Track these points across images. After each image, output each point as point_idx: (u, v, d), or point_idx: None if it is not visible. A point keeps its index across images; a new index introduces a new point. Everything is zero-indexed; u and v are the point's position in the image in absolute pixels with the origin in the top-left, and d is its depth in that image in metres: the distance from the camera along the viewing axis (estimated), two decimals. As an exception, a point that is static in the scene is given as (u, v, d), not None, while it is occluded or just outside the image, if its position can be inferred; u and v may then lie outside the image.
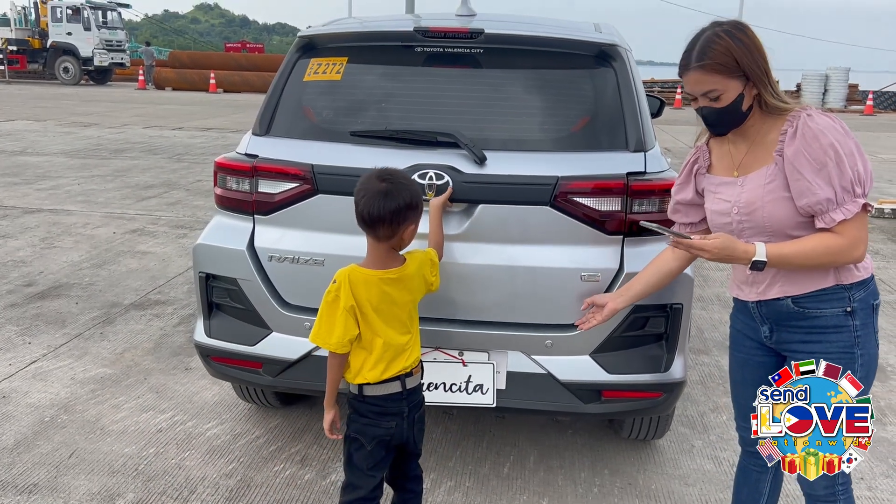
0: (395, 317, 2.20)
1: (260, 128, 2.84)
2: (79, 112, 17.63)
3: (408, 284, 2.23)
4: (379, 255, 2.19)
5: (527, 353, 2.64)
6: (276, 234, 2.72)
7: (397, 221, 2.12)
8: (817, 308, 1.97)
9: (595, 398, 2.65)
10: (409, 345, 2.25)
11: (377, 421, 2.22)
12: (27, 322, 4.47)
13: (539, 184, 2.54)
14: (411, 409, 2.27)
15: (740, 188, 2.03)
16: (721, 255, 1.95)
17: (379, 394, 2.22)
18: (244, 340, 2.78)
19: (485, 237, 2.59)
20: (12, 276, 5.31)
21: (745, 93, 1.93)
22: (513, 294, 2.60)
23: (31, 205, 7.59)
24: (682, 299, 2.60)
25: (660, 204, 2.62)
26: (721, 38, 1.90)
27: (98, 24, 29.07)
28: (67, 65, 28.88)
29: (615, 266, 2.59)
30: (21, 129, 14.02)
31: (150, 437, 3.21)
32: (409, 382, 2.25)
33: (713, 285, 5.60)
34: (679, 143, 14.56)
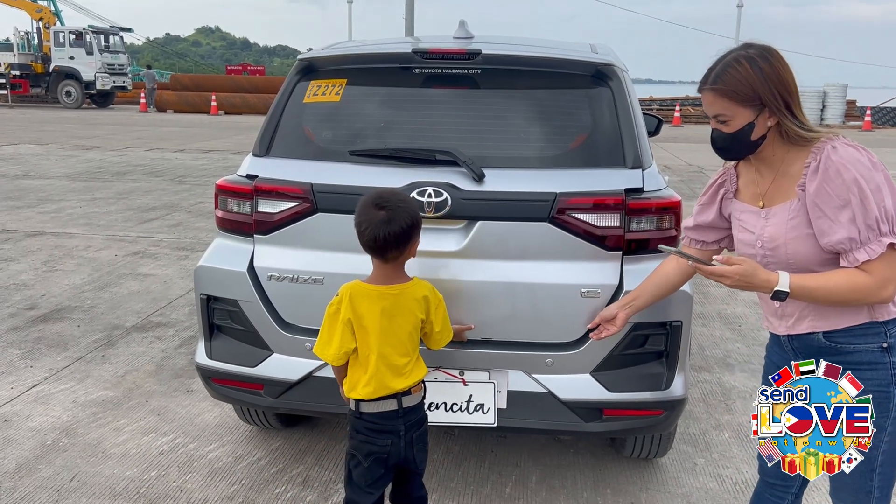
0: (394, 335, 2.22)
1: (260, 149, 2.86)
2: (81, 135, 17.73)
3: (409, 303, 2.24)
4: (384, 272, 2.25)
5: (527, 372, 2.64)
6: (275, 253, 2.74)
7: (404, 243, 2.20)
8: (850, 343, 1.89)
9: (596, 416, 2.65)
10: (409, 367, 2.26)
11: (372, 438, 2.24)
12: (29, 345, 4.47)
13: (538, 200, 2.56)
14: (409, 428, 2.27)
15: (764, 221, 1.96)
16: (741, 283, 1.86)
17: (374, 411, 2.23)
18: (245, 362, 2.79)
19: (484, 254, 2.60)
20: (15, 300, 5.32)
21: (756, 122, 1.87)
22: (513, 311, 2.61)
23: (33, 228, 7.62)
24: (681, 317, 2.61)
25: (657, 222, 2.64)
26: (740, 65, 1.84)
27: (100, 48, 29.32)
28: (70, 88, 29.09)
29: (615, 282, 2.60)
30: (24, 152, 14.09)
31: (152, 460, 3.20)
32: (406, 401, 2.25)
33: (714, 302, 5.60)
34: (678, 160, 14.62)
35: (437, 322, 2.33)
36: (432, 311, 2.31)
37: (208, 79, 31.95)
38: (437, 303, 2.33)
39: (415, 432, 2.29)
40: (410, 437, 2.27)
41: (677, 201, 2.69)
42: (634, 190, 2.61)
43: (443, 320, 2.36)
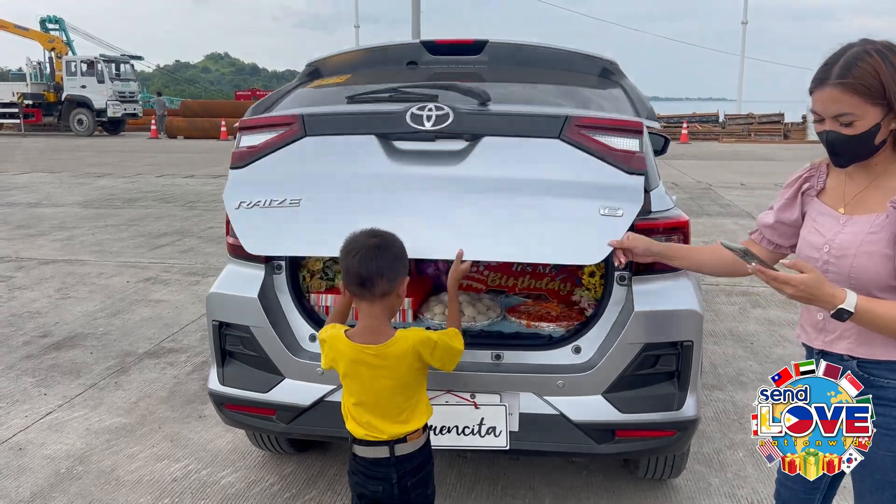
0: (377, 390, 2.11)
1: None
2: (93, 163, 17.92)
3: (390, 363, 2.09)
4: (370, 323, 2.12)
5: (539, 394, 2.64)
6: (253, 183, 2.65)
7: (394, 274, 2.07)
8: (885, 378, 1.79)
9: (608, 438, 2.64)
10: (405, 414, 2.14)
11: (363, 482, 2.16)
12: (43, 373, 4.50)
13: (548, 116, 2.51)
14: (403, 476, 2.13)
15: (840, 227, 1.82)
16: (804, 294, 1.70)
17: (364, 455, 2.14)
18: (257, 388, 2.80)
19: (489, 172, 2.47)
20: (28, 328, 5.37)
21: (882, 124, 1.70)
22: (522, 234, 2.42)
23: (46, 256, 7.69)
24: (692, 336, 2.60)
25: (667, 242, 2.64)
26: (871, 57, 1.67)
27: (111, 76, 29.68)
28: (81, 117, 29.43)
29: (638, 204, 2.43)
30: (37, 181, 14.25)
31: (165, 487, 3.21)
32: (399, 449, 2.12)
33: (725, 320, 5.58)
34: (687, 177, 14.61)
35: (435, 361, 2.18)
36: (426, 357, 2.14)
37: (218, 104, 32.26)
38: (430, 349, 2.14)
39: (410, 480, 2.15)
40: (405, 485, 2.14)
41: (685, 221, 2.70)
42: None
43: (441, 357, 2.19)
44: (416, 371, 2.15)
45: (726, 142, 26.13)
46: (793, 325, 5.41)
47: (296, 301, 2.83)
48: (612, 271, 2.67)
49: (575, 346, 2.67)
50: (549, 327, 2.77)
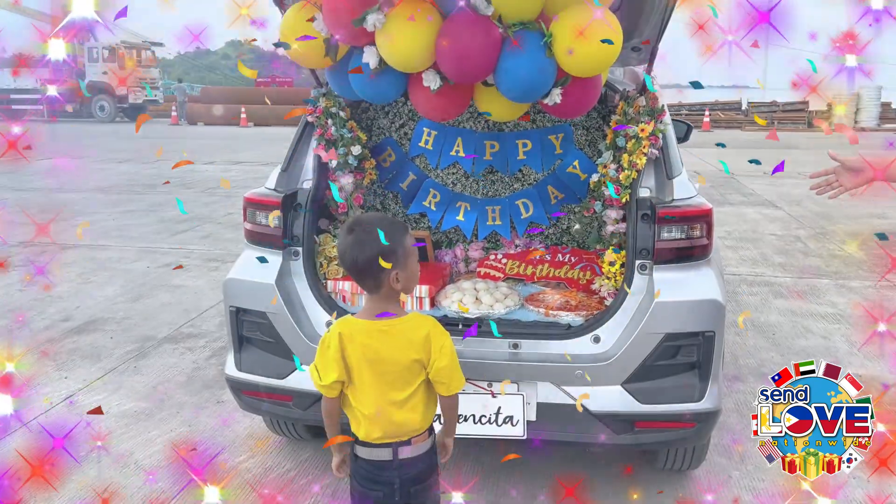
0: (383, 375, 2.03)
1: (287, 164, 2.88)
2: (114, 149, 18.04)
3: (398, 342, 2.02)
4: (372, 304, 2.08)
5: (557, 383, 2.61)
6: None
7: (375, 270, 1.99)
8: None
9: (628, 429, 2.61)
10: (405, 414, 2.05)
11: (366, 486, 2.10)
12: (64, 356, 4.54)
13: None
14: (406, 482, 2.05)
15: None
16: None
17: (366, 457, 2.08)
18: (274, 374, 2.80)
19: None
20: (50, 312, 5.41)
21: None
22: None
23: (68, 241, 7.75)
24: (713, 327, 2.56)
25: (688, 231, 2.60)
26: None
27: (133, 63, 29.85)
28: (103, 103, 29.65)
29: None
30: (58, 166, 14.37)
31: (182, 471, 3.22)
32: (403, 451, 2.05)
33: (747, 310, 5.50)
34: (709, 166, 14.44)
35: (440, 365, 2.04)
36: (434, 353, 2.03)
37: (238, 91, 32.33)
38: (440, 344, 2.04)
39: (412, 486, 2.06)
40: (407, 491, 2.05)
41: (708, 209, 2.65)
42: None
43: (449, 364, 2.05)
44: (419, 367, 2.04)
45: (749, 130, 25.78)
46: (815, 316, 5.33)
47: (313, 287, 2.82)
48: (633, 260, 2.63)
49: (594, 336, 2.64)
50: (568, 316, 2.74)
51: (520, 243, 3.31)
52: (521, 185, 3.34)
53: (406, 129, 3.37)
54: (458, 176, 3.37)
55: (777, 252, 7.37)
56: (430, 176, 3.39)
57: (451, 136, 3.28)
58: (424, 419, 2.10)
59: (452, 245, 3.40)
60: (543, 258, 3.18)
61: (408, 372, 2.04)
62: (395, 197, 3.44)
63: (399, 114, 3.34)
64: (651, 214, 2.61)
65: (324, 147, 2.98)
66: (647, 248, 2.61)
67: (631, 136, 2.75)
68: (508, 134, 3.28)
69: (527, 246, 3.31)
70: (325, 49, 2.38)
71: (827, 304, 5.61)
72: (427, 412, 2.11)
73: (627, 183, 2.74)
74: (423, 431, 2.10)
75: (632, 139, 2.75)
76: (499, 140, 3.27)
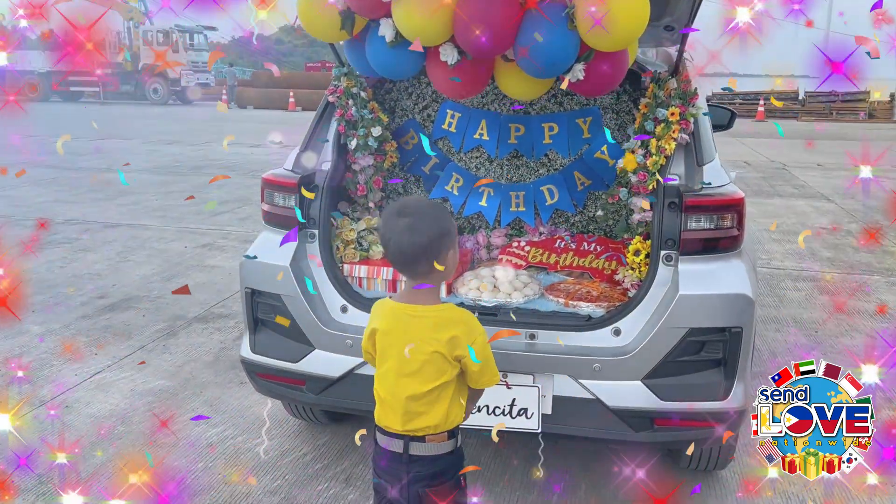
0: (406, 362, 1.91)
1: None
2: (164, 130, 18.39)
3: (425, 332, 1.90)
4: (412, 289, 1.96)
5: (574, 376, 2.52)
6: None
7: (432, 253, 1.88)
8: None
9: (647, 426, 2.51)
10: (422, 407, 1.92)
11: (377, 473, 2.03)
12: (96, 333, 4.61)
13: None
14: (413, 481, 1.93)
15: None
16: None
17: (380, 444, 2.00)
18: (288, 357, 2.76)
19: None
20: (87, 289, 5.51)
21: None
22: None
23: (111, 219, 7.90)
24: (741, 323, 2.43)
25: (718, 220, 2.47)
26: None
27: (186, 46, 30.36)
28: (157, 86, 30.26)
29: None
30: (110, 147, 14.69)
31: (200, 451, 3.23)
32: (414, 448, 1.93)
33: (790, 306, 5.29)
34: (759, 156, 14.02)
35: (471, 369, 1.93)
36: (464, 351, 1.90)
37: (288, 75, 32.60)
38: (470, 342, 1.90)
39: (421, 487, 1.94)
40: (415, 492, 1.94)
41: (740, 198, 2.51)
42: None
43: (480, 368, 1.93)
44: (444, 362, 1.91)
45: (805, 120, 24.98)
46: (863, 313, 5.10)
47: (328, 270, 2.77)
48: (658, 250, 2.51)
49: (615, 329, 2.53)
50: (589, 307, 2.63)
51: (544, 231, 3.21)
52: (546, 170, 3.23)
53: (429, 111, 3.28)
54: (482, 160, 3.28)
55: (826, 246, 7.09)
56: (453, 159, 3.31)
57: (476, 119, 3.18)
58: (446, 419, 1.94)
59: (475, 231, 3.31)
60: (568, 246, 3.08)
61: (430, 365, 1.89)
62: (417, 180, 3.37)
63: (423, 95, 3.25)
64: (678, 203, 2.49)
65: (344, 128, 2.92)
66: (673, 237, 2.49)
67: (660, 119, 2.62)
68: (534, 117, 3.17)
69: (551, 234, 3.20)
70: (340, 22, 2.31)
71: (876, 303, 5.36)
72: (451, 413, 1.94)
73: (655, 169, 2.61)
74: (443, 432, 1.95)
75: (661, 123, 2.62)
76: (524, 123, 3.16)
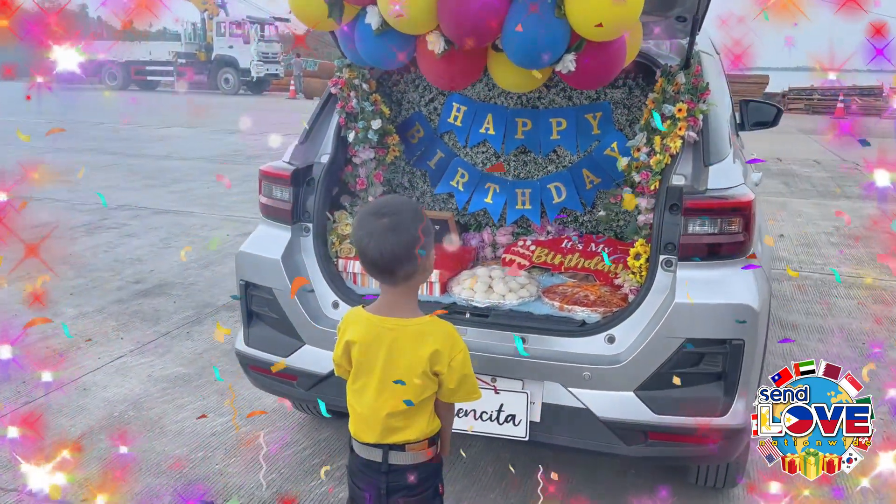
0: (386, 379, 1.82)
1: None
2: (229, 120, 18.76)
3: (407, 345, 1.81)
4: (390, 299, 1.85)
5: (564, 384, 2.40)
6: None
7: (415, 253, 1.77)
8: None
9: (639, 440, 2.37)
10: (403, 420, 1.84)
11: (354, 482, 1.95)
12: (126, 318, 4.70)
13: None
14: (392, 490, 1.86)
15: None
16: None
17: (359, 454, 1.91)
18: (279, 351, 2.73)
19: None
20: (126, 273, 5.64)
21: None
22: None
23: (160, 206, 8.09)
24: (743, 335, 2.26)
25: (720, 225, 2.31)
26: None
27: (257, 37, 30.96)
28: (228, 76, 30.97)
29: None
30: (173, 135, 15.12)
31: (203, 441, 3.24)
32: (394, 457, 1.85)
33: (838, 315, 4.99)
34: (830, 155, 13.38)
35: (448, 386, 1.84)
36: (444, 367, 1.81)
37: (354, 67, 32.86)
38: (449, 358, 1.81)
39: (401, 496, 1.87)
40: (394, 502, 1.87)
41: (746, 201, 2.34)
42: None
43: (459, 380, 1.84)
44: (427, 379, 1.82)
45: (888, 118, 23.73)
46: (917, 326, 4.77)
47: (322, 266, 2.73)
48: (657, 254, 2.37)
49: (609, 336, 2.41)
50: (584, 312, 2.51)
51: (551, 230, 3.09)
52: (554, 167, 3.10)
53: (436, 104, 3.20)
54: (488, 155, 3.17)
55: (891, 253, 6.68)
56: (459, 154, 3.21)
57: (482, 113, 3.08)
58: (427, 429, 1.88)
59: (480, 228, 3.21)
60: (575, 247, 2.95)
61: (412, 384, 1.81)
62: (423, 175, 3.29)
63: (429, 87, 3.16)
64: (679, 205, 2.34)
65: (344, 120, 2.87)
66: (672, 241, 2.35)
67: (667, 116, 2.47)
68: (542, 111, 3.04)
69: (559, 233, 3.08)
70: (328, 9, 2.24)
71: (935, 315, 5.01)
72: (431, 422, 1.89)
73: (658, 169, 2.46)
74: (423, 440, 1.88)
75: (668, 120, 2.47)
76: (532, 118, 3.04)
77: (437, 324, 1.86)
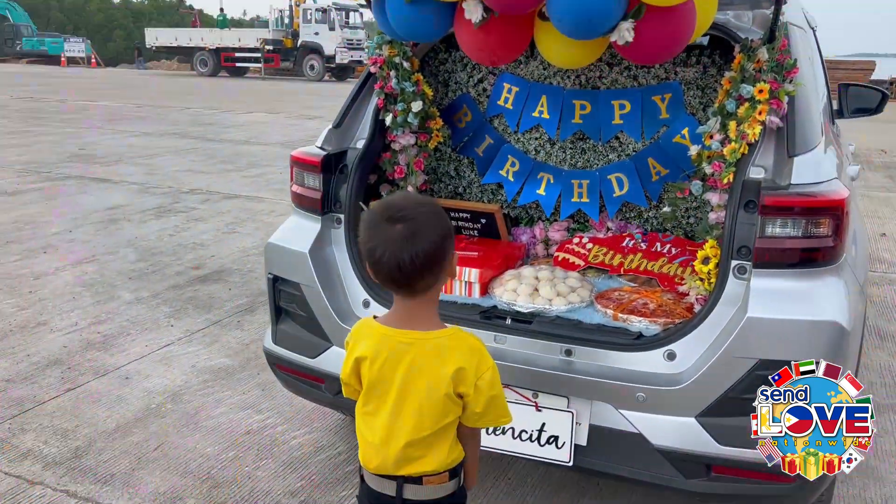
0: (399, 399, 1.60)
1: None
2: (310, 106, 18.94)
3: (428, 361, 1.58)
4: (406, 309, 1.62)
5: (615, 405, 2.10)
6: None
7: (438, 263, 1.54)
8: None
9: (700, 473, 2.05)
10: (421, 449, 1.62)
11: None
12: (180, 304, 4.64)
13: None
14: None
15: None
16: None
17: (370, 485, 1.70)
18: (306, 352, 2.54)
19: None
20: (187, 258, 5.61)
21: None
22: None
23: (232, 191, 8.11)
24: (828, 357, 1.89)
25: (805, 227, 1.95)
26: None
27: (342, 24, 31.20)
28: (313, 62, 31.35)
29: None
30: (254, 120, 15.31)
31: (236, 439, 3.09)
32: (409, 491, 1.64)
33: (948, 326, 4.44)
34: (944, 146, 12.28)
35: (476, 403, 1.60)
36: (469, 388, 1.58)
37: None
38: (475, 377, 1.58)
39: None
40: None
41: (838, 199, 1.97)
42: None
43: (487, 403, 1.61)
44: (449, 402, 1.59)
45: None
46: None
47: (353, 260, 2.51)
48: (728, 259, 2.03)
49: (669, 352, 2.09)
50: (641, 323, 2.19)
51: (612, 226, 2.76)
52: (616, 155, 2.76)
53: (485, 85, 2.90)
54: (542, 142, 2.85)
55: None
56: (509, 140, 2.91)
57: (535, 94, 2.77)
58: (448, 459, 1.65)
59: (532, 223, 2.91)
60: (637, 246, 2.62)
61: (432, 407, 1.59)
62: (469, 163, 3.01)
63: (478, 66, 2.88)
64: (756, 202, 1.99)
65: (383, 102, 2.63)
66: (747, 245, 2.00)
67: (745, 98, 2.12)
68: (603, 92, 2.70)
69: (620, 230, 2.75)
70: None
71: None
72: (453, 451, 1.66)
73: (733, 159, 2.11)
74: (444, 472, 1.65)
75: (745, 103, 2.11)
76: (591, 100, 2.71)
77: (460, 337, 1.62)
